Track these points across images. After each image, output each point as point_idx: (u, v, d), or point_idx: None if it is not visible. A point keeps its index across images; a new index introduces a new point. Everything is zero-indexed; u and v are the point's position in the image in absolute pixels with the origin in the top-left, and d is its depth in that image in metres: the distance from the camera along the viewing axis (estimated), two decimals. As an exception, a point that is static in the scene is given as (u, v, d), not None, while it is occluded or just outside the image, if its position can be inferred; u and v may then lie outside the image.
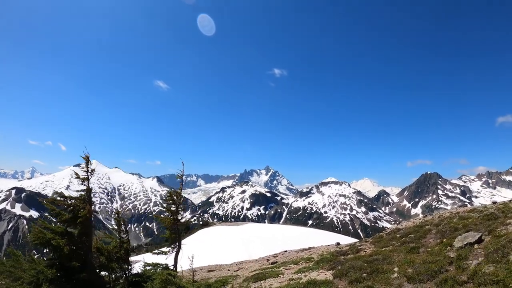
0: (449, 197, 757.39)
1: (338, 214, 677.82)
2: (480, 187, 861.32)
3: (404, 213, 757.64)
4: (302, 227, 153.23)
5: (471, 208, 45.27)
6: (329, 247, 49.03)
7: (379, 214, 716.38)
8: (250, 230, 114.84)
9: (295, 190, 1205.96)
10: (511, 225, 22.80)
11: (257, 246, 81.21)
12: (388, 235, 40.59)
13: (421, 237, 31.21)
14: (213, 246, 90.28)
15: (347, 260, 29.02)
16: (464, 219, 33.60)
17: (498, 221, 26.51)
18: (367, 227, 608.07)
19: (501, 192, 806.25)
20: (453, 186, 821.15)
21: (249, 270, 38.82)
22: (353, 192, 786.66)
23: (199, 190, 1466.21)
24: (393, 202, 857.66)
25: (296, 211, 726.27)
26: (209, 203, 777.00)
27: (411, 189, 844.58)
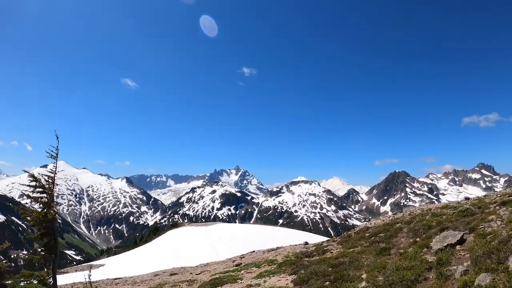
0: (417, 194, 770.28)
1: (308, 213, 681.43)
2: (447, 185, 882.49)
3: (374, 211, 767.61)
4: (272, 227, 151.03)
5: (443, 204, 43.01)
6: (296, 247, 47.11)
7: (349, 212, 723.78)
8: (219, 230, 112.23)
9: (266, 190, 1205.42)
10: (494, 222, 19.90)
11: (225, 247, 78.37)
12: (356, 234, 37.85)
13: (391, 237, 28.51)
14: (181, 248, 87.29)
15: (311, 263, 25.99)
16: (438, 216, 31.04)
17: (477, 218, 23.93)
18: (338, 225, 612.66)
19: (467, 190, 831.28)
20: (421, 184, 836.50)
21: (212, 273, 36.34)
22: (323, 191, 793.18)
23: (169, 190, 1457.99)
24: (362, 200, 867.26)
25: (266, 210, 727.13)
26: (179, 204, 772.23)
27: (380, 188, 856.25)
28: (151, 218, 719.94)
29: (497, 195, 36.16)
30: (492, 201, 31.35)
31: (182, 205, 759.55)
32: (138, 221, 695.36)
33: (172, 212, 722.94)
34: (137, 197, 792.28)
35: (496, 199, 31.83)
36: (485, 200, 33.32)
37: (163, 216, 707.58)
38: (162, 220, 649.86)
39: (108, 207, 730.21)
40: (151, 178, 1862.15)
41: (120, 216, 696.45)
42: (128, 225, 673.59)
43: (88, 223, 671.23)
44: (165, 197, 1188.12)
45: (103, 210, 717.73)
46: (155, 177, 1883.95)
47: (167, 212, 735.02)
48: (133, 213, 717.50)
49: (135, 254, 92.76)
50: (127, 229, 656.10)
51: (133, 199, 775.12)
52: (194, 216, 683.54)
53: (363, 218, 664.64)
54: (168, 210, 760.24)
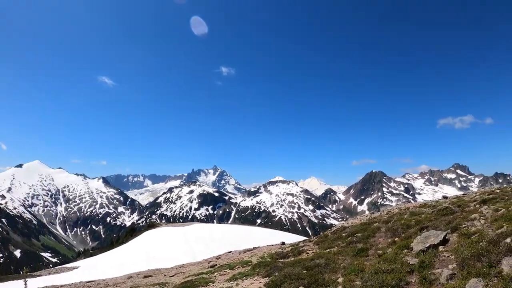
0: (393, 194, 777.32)
1: (286, 213, 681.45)
2: (423, 185, 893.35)
3: (351, 210, 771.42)
4: (249, 227, 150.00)
5: (421, 203, 42.43)
6: (272, 247, 46.63)
7: (326, 211, 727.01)
8: (197, 230, 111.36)
9: (243, 190, 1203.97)
10: (478, 221, 18.90)
11: (202, 248, 77.56)
12: (333, 234, 36.98)
13: (369, 236, 27.65)
14: (157, 249, 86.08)
15: (286, 264, 24.99)
16: (416, 215, 30.32)
17: (458, 217, 23.01)
18: (315, 224, 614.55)
19: (443, 189, 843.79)
20: (397, 184, 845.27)
21: (186, 274, 35.22)
22: (301, 190, 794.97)
23: (146, 191, 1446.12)
24: (339, 200, 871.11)
25: (244, 210, 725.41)
26: (157, 204, 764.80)
27: (357, 187, 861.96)
28: (128, 219, 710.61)
29: (477, 194, 35.62)
30: (472, 199, 30.71)
31: (159, 206, 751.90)
32: (115, 222, 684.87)
33: (149, 213, 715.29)
34: (114, 198, 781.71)
35: (475, 197, 31.20)
36: (464, 199, 32.69)
37: (141, 216, 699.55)
38: (139, 221, 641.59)
39: (84, 208, 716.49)
40: (128, 178, 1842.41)
41: (97, 217, 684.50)
42: (105, 226, 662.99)
43: (64, 224, 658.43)
44: (142, 197, 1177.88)
45: (80, 211, 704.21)
46: (132, 177, 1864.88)
47: (145, 213, 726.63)
48: (110, 214, 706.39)
49: (111, 256, 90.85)
50: (104, 230, 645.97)
51: (110, 200, 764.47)
52: (171, 217, 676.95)
53: (341, 217, 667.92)
54: (146, 210, 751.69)
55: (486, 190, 36.58)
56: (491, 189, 36.40)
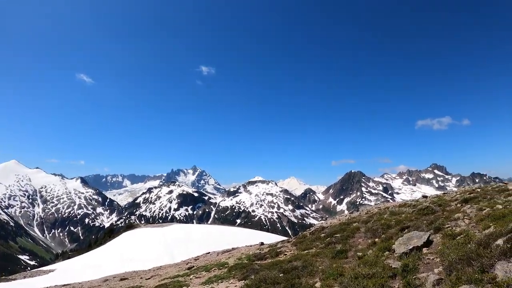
0: (372, 193, 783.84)
1: (266, 213, 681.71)
2: (402, 184, 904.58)
3: (330, 210, 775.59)
4: (229, 227, 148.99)
5: (401, 202, 41.84)
6: (251, 248, 45.87)
7: (306, 211, 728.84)
8: (176, 231, 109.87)
9: (223, 190, 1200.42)
10: (462, 221, 18.07)
11: (181, 249, 76.55)
12: (312, 235, 36.22)
13: (348, 237, 26.94)
14: (136, 250, 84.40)
15: (262, 267, 24.16)
16: (396, 215, 29.65)
17: (440, 216, 22.26)
18: (295, 224, 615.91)
19: (420, 189, 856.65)
20: (376, 184, 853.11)
21: (163, 277, 34.38)
22: (280, 190, 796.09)
23: (125, 191, 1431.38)
24: (319, 200, 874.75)
25: (224, 210, 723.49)
26: (136, 205, 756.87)
27: (336, 187, 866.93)
28: (107, 220, 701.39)
29: (457, 193, 35.11)
30: (453, 198, 30.11)
31: (138, 206, 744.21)
32: (94, 223, 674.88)
33: (128, 213, 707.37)
34: (92, 198, 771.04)
35: (456, 197, 30.62)
36: (445, 198, 32.11)
37: (119, 217, 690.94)
38: (118, 222, 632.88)
39: (62, 209, 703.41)
40: (107, 178, 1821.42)
41: (75, 218, 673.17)
42: (84, 228, 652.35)
43: (42, 226, 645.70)
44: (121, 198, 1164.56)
45: (57, 212, 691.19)
46: (111, 177, 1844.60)
47: (124, 213, 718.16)
48: (88, 215, 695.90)
49: (88, 258, 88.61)
50: (83, 232, 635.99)
51: (88, 200, 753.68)
52: (151, 217, 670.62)
53: (320, 217, 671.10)
54: (125, 211, 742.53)
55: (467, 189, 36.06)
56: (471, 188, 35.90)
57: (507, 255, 9.96)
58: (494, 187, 32.56)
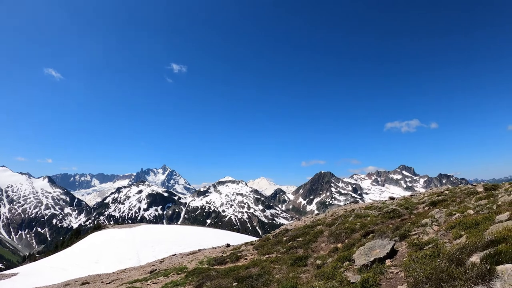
0: (342, 194, 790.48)
1: (236, 213, 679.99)
2: (370, 185, 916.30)
3: (300, 210, 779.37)
4: (198, 227, 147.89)
5: (368, 204, 40.74)
6: (216, 250, 45.60)
7: (276, 211, 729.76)
8: (144, 232, 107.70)
9: (193, 190, 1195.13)
10: (430, 227, 16.37)
11: (148, 250, 74.46)
12: (275, 238, 35.59)
13: (311, 241, 25.87)
14: (101, 252, 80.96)
15: (219, 273, 23.24)
16: (362, 218, 28.48)
17: (407, 221, 20.80)
18: (265, 224, 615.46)
19: (389, 189, 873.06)
20: (346, 184, 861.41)
21: (124, 281, 33.36)
22: (250, 190, 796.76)
23: (93, 190, 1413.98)
24: (289, 200, 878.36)
25: (194, 210, 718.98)
26: (105, 205, 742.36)
27: (306, 187, 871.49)
28: (75, 220, 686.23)
29: (425, 195, 33.96)
30: (420, 201, 28.83)
31: (107, 206, 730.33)
32: (62, 223, 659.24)
33: (97, 214, 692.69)
34: (60, 198, 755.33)
35: (424, 199, 29.35)
36: (412, 200, 30.79)
37: (88, 218, 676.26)
38: (87, 222, 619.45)
39: (29, 209, 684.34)
40: (75, 177, 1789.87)
41: (42, 219, 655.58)
42: (51, 229, 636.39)
43: (9, 227, 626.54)
44: (89, 198, 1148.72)
45: (24, 213, 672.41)
46: (79, 176, 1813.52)
47: (92, 214, 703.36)
48: (56, 215, 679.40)
49: (53, 261, 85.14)
50: (50, 233, 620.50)
51: (56, 200, 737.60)
52: (120, 217, 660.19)
53: (290, 217, 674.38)
54: (93, 211, 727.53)
55: (435, 191, 35.01)
56: (439, 190, 34.83)
57: (485, 279, 7.86)
58: (462, 189, 31.44)
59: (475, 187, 31.46)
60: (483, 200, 18.59)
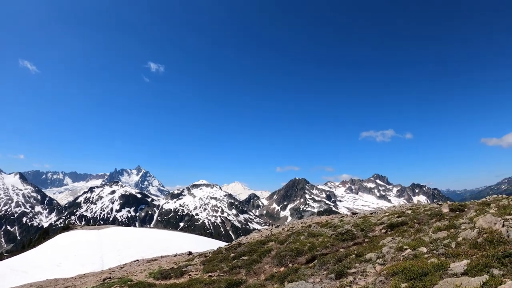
0: (315, 201, 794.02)
1: (209, 217, 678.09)
2: (344, 193, 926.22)
3: (274, 215, 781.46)
4: (169, 231, 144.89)
5: (328, 219, 39.04)
6: (175, 258, 45.87)
7: (249, 216, 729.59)
8: (112, 234, 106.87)
9: (167, 192, 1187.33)
10: (372, 266, 13.22)
11: (114, 254, 73.04)
12: (227, 251, 34.40)
13: (255, 261, 24.11)
14: (66, 254, 78.50)
15: None
16: (315, 237, 26.46)
17: (358, 245, 18.26)
18: (239, 229, 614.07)
19: (363, 197, 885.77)
20: (320, 191, 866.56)
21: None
22: (224, 195, 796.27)
23: (66, 189, 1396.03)
24: (263, 205, 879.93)
25: (167, 213, 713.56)
26: (77, 204, 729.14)
27: (281, 193, 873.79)
28: (46, 220, 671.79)
29: (385, 214, 31.67)
30: (379, 221, 26.62)
31: (79, 206, 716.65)
32: (32, 222, 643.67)
33: (68, 213, 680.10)
34: (31, 196, 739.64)
35: (383, 219, 27.14)
36: (371, 220, 28.55)
37: (59, 217, 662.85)
38: (57, 222, 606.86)
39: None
40: (47, 175, 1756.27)
41: (12, 217, 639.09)
42: (21, 227, 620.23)
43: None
44: (61, 196, 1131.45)
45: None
46: (52, 174, 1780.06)
47: (63, 213, 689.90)
48: (26, 214, 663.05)
49: (16, 262, 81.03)
50: (20, 232, 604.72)
51: (26, 198, 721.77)
52: (92, 218, 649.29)
53: (264, 222, 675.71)
54: (65, 210, 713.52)
55: (397, 210, 32.89)
56: (401, 210, 32.62)
57: None
58: (426, 209, 29.24)
59: (440, 206, 29.25)
60: (443, 231, 15.70)
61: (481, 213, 18.42)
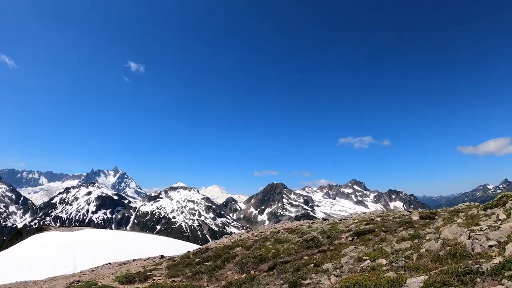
0: (293, 205, 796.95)
1: (186, 220, 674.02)
2: (322, 198, 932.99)
3: (251, 220, 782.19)
4: (144, 234, 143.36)
5: (298, 225, 38.51)
6: (146, 262, 44.29)
7: (227, 220, 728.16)
8: (87, 236, 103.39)
9: (144, 194, 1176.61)
10: (327, 278, 12.36)
11: (87, 256, 70.05)
12: (194, 255, 33.69)
13: (218, 267, 23.71)
14: (38, 256, 75.96)
15: None
16: (281, 243, 25.90)
17: (322, 253, 17.51)
18: (216, 232, 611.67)
19: (340, 203, 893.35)
20: (297, 196, 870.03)
21: None
22: (202, 198, 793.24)
23: (41, 189, 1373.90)
24: (240, 209, 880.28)
25: (144, 215, 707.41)
26: (52, 205, 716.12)
27: (258, 197, 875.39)
28: (20, 220, 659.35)
29: (354, 221, 31.21)
30: (346, 228, 26.12)
31: (54, 206, 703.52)
32: (6, 222, 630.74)
33: (43, 214, 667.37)
34: (5, 195, 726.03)
35: (351, 227, 26.65)
36: (339, 227, 28.05)
37: (34, 217, 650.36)
38: (32, 223, 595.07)
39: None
40: (22, 174, 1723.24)
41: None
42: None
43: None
44: (36, 196, 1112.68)
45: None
46: (27, 173, 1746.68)
47: (38, 214, 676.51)
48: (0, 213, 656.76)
49: None
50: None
51: (0, 197, 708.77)
52: (67, 219, 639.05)
53: (241, 226, 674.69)
54: (39, 211, 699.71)
55: (366, 217, 32.39)
56: (370, 217, 32.20)
57: None
58: (396, 216, 28.88)
59: (410, 214, 28.88)
60: (407, 241, 14.96)
61: (449, 223, 17.88)
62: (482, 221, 15.21)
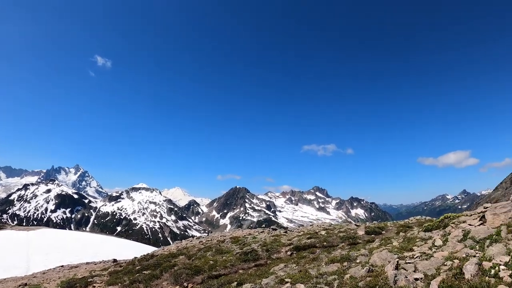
0: (255, 210, 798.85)
1: (148, 221, 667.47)
2: (284, 203, 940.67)
3: (213, 223, 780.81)
4: (104, 236, 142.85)
5: (245, 234, 38.82)
6: (96, 266, 44.77)
7: (189, 223, 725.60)
8: (43, 237, 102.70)
9: (105, 194, 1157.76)
10: None
11: (41, 258, 69.39)
12: (139, 262, 32.94)
13: (154, 277, 23.17)
14: None
15: None
16: (221, 254, 25.86)
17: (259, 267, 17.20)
18: (177, 235, 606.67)
19: (302, 208, 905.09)
20: (260, 201, 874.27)
21: None
22: (164, 200, 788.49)
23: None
24: (203, 212, 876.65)
25: (104, 216, 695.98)
26: (10, 202, 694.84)
27: (221, 201, 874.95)
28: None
29: (298, 233, 31.18)
30: (288, 241, 26.15)
31: (12, 204, 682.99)
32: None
33: (0, 211, 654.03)
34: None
35: (293, 240, 26.68)
36: (281, 240, 28.05)
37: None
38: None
39: None
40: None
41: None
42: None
43: None
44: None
45: None
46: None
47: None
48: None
49: None
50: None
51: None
52: (25, 218, 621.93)
53: (203, 229, 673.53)
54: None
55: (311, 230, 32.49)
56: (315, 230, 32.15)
57: None
58: (342, 230, 28.96)
59: (357, 228, 28.94)
60: (336, 263, 14.54)
61: (385, 244, 17.58)
62: (417, 246, 14.82)
